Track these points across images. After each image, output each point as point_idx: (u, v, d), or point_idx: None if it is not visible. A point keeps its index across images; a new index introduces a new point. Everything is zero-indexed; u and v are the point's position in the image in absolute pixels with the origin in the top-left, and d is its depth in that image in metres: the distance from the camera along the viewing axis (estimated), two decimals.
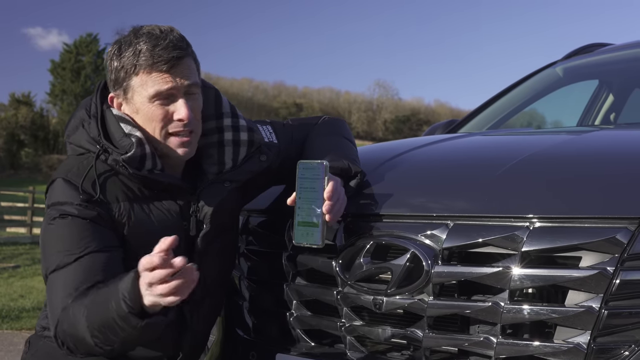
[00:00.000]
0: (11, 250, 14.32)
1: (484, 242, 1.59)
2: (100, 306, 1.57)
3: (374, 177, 1.91)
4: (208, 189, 1.83)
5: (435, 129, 3.49)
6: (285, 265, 1.90)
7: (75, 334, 1.62)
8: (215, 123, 1.88)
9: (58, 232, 1.70)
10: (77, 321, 1.60)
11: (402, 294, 1.66)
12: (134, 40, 1.74)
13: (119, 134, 1.75)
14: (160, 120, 1.75)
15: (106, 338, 1.58)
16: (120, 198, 1.74)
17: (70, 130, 1.84)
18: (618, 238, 1.46)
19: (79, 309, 1.61)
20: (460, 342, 1.60)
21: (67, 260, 1.67)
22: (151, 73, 1.72)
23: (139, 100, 1.75)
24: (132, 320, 1.53)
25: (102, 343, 1.60)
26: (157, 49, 1.71)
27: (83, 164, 1.76)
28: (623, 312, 1.44)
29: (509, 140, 2.40)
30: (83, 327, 1.59)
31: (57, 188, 1.75)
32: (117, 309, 1.53)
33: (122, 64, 1.74)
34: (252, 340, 1.99)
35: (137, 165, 1.74)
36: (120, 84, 1.76)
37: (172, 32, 1.76)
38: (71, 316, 1.62)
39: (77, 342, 1.63)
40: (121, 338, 1.58)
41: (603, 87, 3.72)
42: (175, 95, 1.74)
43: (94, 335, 1.59)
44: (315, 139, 2.00)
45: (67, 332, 1.63)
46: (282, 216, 1.97)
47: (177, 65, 1.73)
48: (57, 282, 1.68)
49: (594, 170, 1.71)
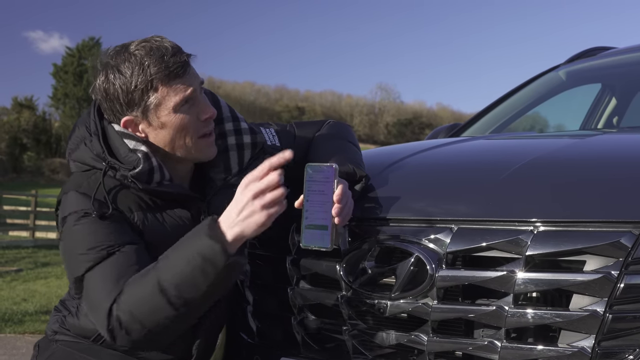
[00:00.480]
0: (14, 253, 14.35)
1: (488, 246, 1.59)
2: (177, 261, 1.56)
3: (378, 181, 1.91)
4: (217, 195, 1.83)
5: (438, 132, 3.50)
6: (289, 269, 1.90)
7: (145, 311, 1.57)
8: (217, 129, 1.88)
9: (85, 230, 1.67)
10: (145, 295, 1.56)
11: (406, 298, 1.66)
12: (131, 58, 1.69)
13: (124, 149, 1.74)
14: (191, 126, 1.75)
15: (183, 294, 1.55)
16: (133, 208, 1.73)
17: (72, 148, 1.81)
18: (622, 242, 1.46)
19: (140, 281, 1.58)
20: (465, 346, 1.60)
21: (101, 255, 1.64)
22: (171, 83, 1.69)
23: (164, 114, 1.71)
24: (219, 259, 1.52)
25: (176, 301, 1.55)
26: (166, 58, 1.68)
27: (92, 179, 1.74)
28: (627, 316, 1.44)
29: (512, 144, 2.40)
30: (154, 291, 1.55)
31: (72, 199, 1.72)
32: (202, 249, 1.53)
33: (134, 84, 1.68)
34: (256, 344, 1.99)
35: (146, 179, 1.73)
36: (138, 104, 1.70)
37: (163, 40, 1.74)
38: (134, 296, 1.58)
39: (143, 316, 1.57)
40: (202, 291, 1.55)
41: (606, 91, 3.72)
42: (195, 97, 1.75)
43: (172, 297, 1.54)
44: (320, 143, 2.00)
45: (132, 315, 1.57)
46: (286, 219, 1.96)
47: (189, 68, 1.73)
48: (96, 278, 1.64)
49: (598, 174, 1.71)
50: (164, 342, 1.70)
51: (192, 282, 1.55)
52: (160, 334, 1.62)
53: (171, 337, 1.68)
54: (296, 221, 1.86)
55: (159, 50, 1.69)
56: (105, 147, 1.74)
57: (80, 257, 1.66)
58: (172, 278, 1.56)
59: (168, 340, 1.69)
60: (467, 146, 2.40)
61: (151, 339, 1.63)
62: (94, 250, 1.65)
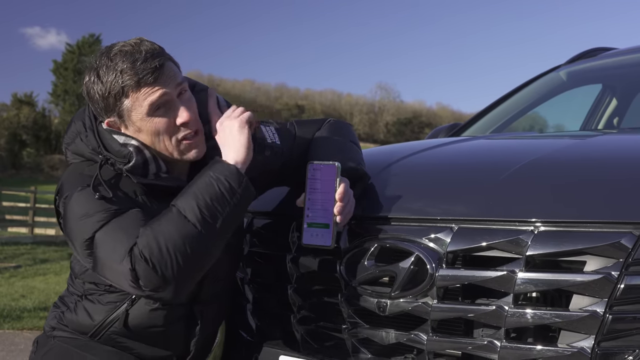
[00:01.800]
0: (12, 250, 14.33)
1: (488, 245, 1.59)
2: (200, 188, 1.66)
3: (378, 180, 1.91)
4: None
5: (439, 132, 3.49)
6: (289, 268, 1.91)
7: (172, 238, 1.60)
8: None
9: (91, 197, 1.67)
10: (170, 224, 1.61)
11: (406, 297, 1.66)
12: (109, 63, 1.69)
13: (115, 144, 1.75)
14: (165, 131, 1.74)
15: (211, 214, 1.64)
16: (138, 192, 1.75)
17: (68, 142, 1.83)
18: (623, 243, 1.46)
19: (159, 221, 1.63)
20: (464, 346, 1.60)
21: (109, 215, 1.65)
22: (140, 89, 1.69)
23: (138, 119, 1.72)
24: (237, 177, 1.68)
25: (210, 217, 1.64)
26: (137, 64, 1.67)
27: (90, 168, 1.75)
28: (627, 316, 1.45)
29: (513, 144, 2.40)
30: (182, 222, 1.62)
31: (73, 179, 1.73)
32: (222, 171, 1.68)
33: (107, 90, 1.69)
34: (256, 342, 1.99)
35: (141, 172, 1.74)
36: (113, 109, 1.72)
37: (143, 43, 1.73)
38: (155, 230, 1.61)
39: (174, 246, 1.60)
40: (228, 211, 1.66)
41: (607, 92, 3.72)
42: (170, 101, 1.73)
43: (202, 215, 1.63)
44: (320, 141, 1.99)
45: (158, 245, 1.59)
46: (286, 218, 1.97)
47: (162, 73, 1.70)
48: (107, 234, 1.63)
49: (598, 174, 1.71)
50: (190, 284, 1.69)
51: (220, 200, 1.66)
52: (186, 267, 1.61)
53: (196, 275, 1.68)
54: (296, 219, 1.86)
55: (132, 56, 1.68)
56: (100, 142, 1.75)
57: (88, 220, 1.66)
58: (197, 201, 1.64)
59: (194, 281, 1.70)
60: (468, 146, 2.40)
61: (178, 274, 1.61)
62: (101, 212, 1.65)
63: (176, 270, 1.60)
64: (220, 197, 1.65)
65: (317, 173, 1.76)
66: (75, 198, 1.69)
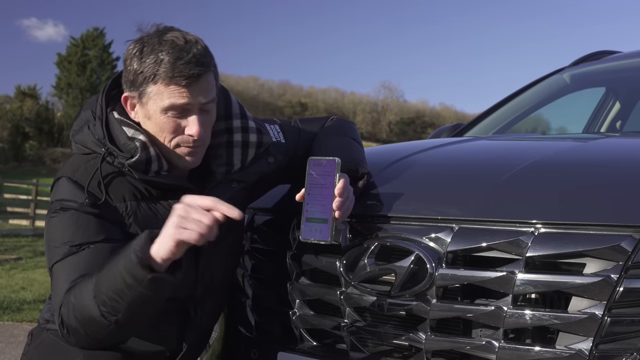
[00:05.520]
0: (13, 242, 14.36)
1: (489, 246, 1.59)
2: (109, 269, 1.57)
3: (380, 178, 1.92)
4: (216, 189, 1.83)
5: (441, 132, 3.50)
6: (289, 264, 1.91)
7: (80, 310, 1.60)
8: (224, 124, 1.88)
9: (60, 224, 1.71)
10: (83, 295, 1.59)
11: (406, 296, 1.67)
12: (157, 46, 1.69)
13: (122, 137, 1.75)
14: (170, 132, 1.74)
15: (112, 305, 1.57)
16: (127, 197, 1.75)
17: (75, 130, 1.83)
18: (622, 246, 1.46)
19: (84, 284, 1.61)
20: (462, 346, 1.60)
21: (70, 251, 1.67)
22: (169, 85, 1.69)
23: (153, 109, 1.72)
24: (139, 273, 1.52)
25: (107, 313, 1.57)
26: (178, 63, 1.67)
27: (90, 164, 1.76)
28: (626, 319, 1.45)
29: (515, 146, 2.40)
30: (89, 298, 1.58)
31: (63, 186, 1.75)
32: (125, 264, 1.54)
33: (141, 69, 1.70)
34: (254, 338, 1.99)
35: (143, 168, 1.74)
36: (137, 87, 1.72)
37: (197, 45, 1.72)
38: (77, 292, 1.61)
39: (83, 321, 1.61)
40: (127, 301, 1.56)
41: (610, 95, 3.72)
42: (189, 110, 1.73)
43: (100, 304, 1.57)
44: (323, 139, 2.00)
45: (71, 310, 1.61)
46: (287, 215, 1.97)
47: (197, 82, 1.70)
48: (61, 272, 1.68)
49: (600, 177, 1.71)
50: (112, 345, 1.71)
51: (118, 292, 1.56)
52: (101, 341, 1.65)
53: (117, 342, 1.70)
54: (297, 216, 1.86)
55: (179, 53, 1.68)
56: (106, 133, 1.75)
57: (52, 250, 1.70)
58: (102, 284, 1.58)
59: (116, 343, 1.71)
60: (470, 146, 2.40)
61: (93, 344, 1.66)
62: (65, 245, 1.68)
63: (90, 342, 1.66)
64: (120, 291, 1.56)
65: (317, 168, 1.76)
66: (52, 220, 1.73)
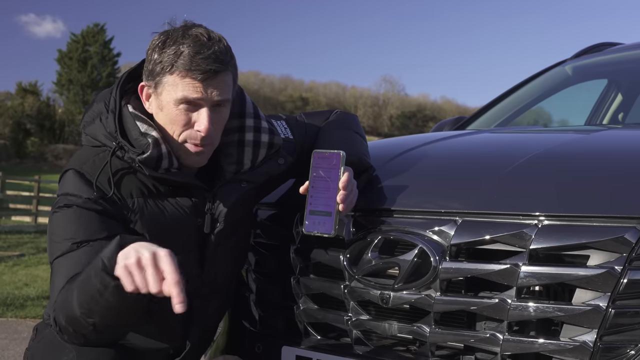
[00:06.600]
0: (16, 238, 14.38)
1: (492, 239, 1.59)
2: (87, 272, 1.56)
3: (383, 172, 1.92)
4: (225, 187, 1.83)
5: (443, 125, 3.49)
6: (293, 259, 1.91)
7: (66, 308, 1.60)
8: (237, 122, 1.88)
9: (63, 220, 1.71)
10: (70, 296, 1.59)
11: (410, 289, 1.67)
12: (180, 39, 1.71)
13: (135, 132, 1.75)
14: (180, 126, 1.74)
15: (89, 307, 1.55)
16: (134, 194, 1.74)
17: (87, 122, 1.83)
18: (626, 237, 1.46)
19: (71, 286, 1.60)
20: (467, 338, 1.61)
21: (71, 248, 1.67)
22: (185, 78, 1.69)
23: (166, 99, 1.73)
24: (104, 279, 1.50)
25: (84, 315, 1.56)
26: (197, 57, 1.68)
27: (99, 157, 1.75)
28: (630, 311, 1.45)
29: (517, 138, 2.40)
30: (74, 297, 1.58)
31: (69, 179, 1.74)
32: (94, 268, 1.53)
33: (161, 59, 1.71)
34: (258, 332, 2.00)
35: (154, 165, 1.74)
36: (155, 77, 1.73)
37: (220, 43, 1.73)
38: (68, 289, 1.61)
39: (68, 319, 1.60)
40: (100, 305, 1.53)
41: (612, 87, 3.72)
42: (201, 105, 1.73)
43: (79, 305, 1.57)
44: (327, 132, 2.00)
45: (60, 307, 1.62)
46: (290, 209, 1.97)
47: (212, 79, 1.70)
48: (60, 268, 1.68)
49: (603, 169, 1.71)
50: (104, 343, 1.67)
51: (92, 297, 1.54)
52: (89, 340, 1.63)
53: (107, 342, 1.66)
54: (301, 211, 1.86)
55: (200, 47, 1.69)
56: (118, 127, 1.75)
57: (54, 245, 1.70)
58: (81, 287, 1.56)
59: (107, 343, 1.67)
60: (473, 139, 2.40)
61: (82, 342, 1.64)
62: (67, 241, 1.67)
63: (79, 340, 1.63)
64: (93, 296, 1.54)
65: (321, 161, 1.76)
66: (55, 215, 1.73)
